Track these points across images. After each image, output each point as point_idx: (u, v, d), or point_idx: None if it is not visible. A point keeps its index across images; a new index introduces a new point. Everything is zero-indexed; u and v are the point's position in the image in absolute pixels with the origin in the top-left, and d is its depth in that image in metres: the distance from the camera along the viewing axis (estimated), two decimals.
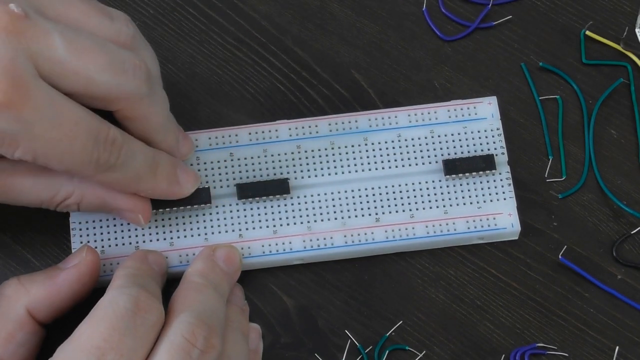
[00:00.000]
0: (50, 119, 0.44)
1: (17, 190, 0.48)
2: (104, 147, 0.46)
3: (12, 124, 0.43)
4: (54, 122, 0.44)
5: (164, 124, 0.49)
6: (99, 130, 0.46)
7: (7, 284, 0.49)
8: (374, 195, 0.53)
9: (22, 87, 0.43)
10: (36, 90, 0.43)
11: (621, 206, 0.53)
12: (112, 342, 0.44)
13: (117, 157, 0.47)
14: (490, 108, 0.54)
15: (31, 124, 0.43)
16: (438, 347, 0.52)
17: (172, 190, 0.51)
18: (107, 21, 0.47)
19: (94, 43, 0.45)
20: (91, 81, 0.45)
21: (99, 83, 0.45)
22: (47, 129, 0.44)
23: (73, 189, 0.49)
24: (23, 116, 0.43)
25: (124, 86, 0.46)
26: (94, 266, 0.50)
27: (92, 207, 0.49)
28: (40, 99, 0.43)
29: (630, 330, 0.52)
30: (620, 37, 0.56)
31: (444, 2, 0.57)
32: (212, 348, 0.45)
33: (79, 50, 0.44)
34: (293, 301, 0.53)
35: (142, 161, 0.48)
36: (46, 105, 0.43)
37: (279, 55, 0.56)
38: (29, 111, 0.43)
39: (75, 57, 0.44)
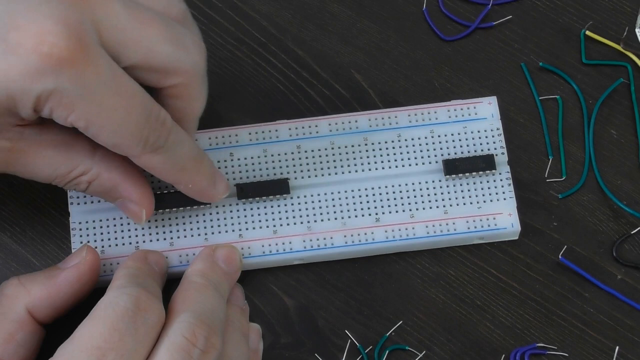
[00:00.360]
0: (109, 86, 0.44)
1: (36, 161, 0.47)
2: (155, 126, 0.46)
3: (73, 83, 0.43)
4: (113, 90, 0.44)
5: (200, 114, 0.49)
6: (152, 108, 0.46)
7: (7, 284, 0.49)
8: (374, 195, 0.53)
9: (86, 49, 0.43)
10: (98, 56, 0.43)
11: (621, 206, 0.53)
12: (112, 342, 0.44)
13: (165, 140, 0.46)
14: (490, 108, 0.54)
15: (91, 87, 0.43)
16: (438, 347, 0.52)
17: (209, 192, 0.50)
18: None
19: (155, 15, 0.45)
20: (151, 51, 0.45)
21: (159, 53, 0.45)
22: (106, 95, 0.44)
23: (92, 166, 0.48)
24: (84, 77, 0.43)
25: (183, 60, 0.46)
26: (94, 266, 0.50)
27: (101, 189, 0.49)
28: (101, 65, 0.43)
29: (630, 330, 0.52)
30: (620, 37, 0.56)
31: (444, 2, 0.57)
32: (213, 348, 0.45)
33: (140, 20, 0.45)
34: (293, 301, 0.53)
35: (188, 151, 0.48)
36: (107, 72, 0.43)
37: (279, 55, 0.56)
38: (90, 73, 0.43)
39: (137, 26, 0.44)
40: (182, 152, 0.48)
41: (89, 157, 0.48)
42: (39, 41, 0.42)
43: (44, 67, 0.42)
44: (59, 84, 0.43)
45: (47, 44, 0.42)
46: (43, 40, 0.42)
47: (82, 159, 0.48)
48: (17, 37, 0.42)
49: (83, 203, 0.53)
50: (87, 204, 0.53)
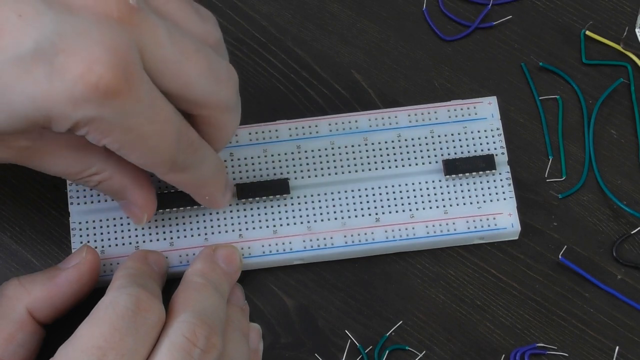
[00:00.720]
0: (147, 113, 0.43)
1: (52, 159, 0.47)
2: (184, 148, 0.46)
3: (113, 112, 0.42)
4: (150, 117, 0.43)
5: (233, 134, 0.49)
6: (182, 129, 0.45)
7: (7, 285, 0.49)
8: (374, 195, 0.53)
9: (130, 78, 0.42)
10: (142, 84, 0.43)
11: (621, 206, 0.53)
12: (113, 342, 0.44)
13: (193, 159, 0.47)
14: (490, 108, 0.54)
15: (130, 116, 0.43)
16: (438, 347, 0.52)
17: (220, 201, 0.51)
18: (199, 20, 0.47)
19: (197, 47, 0.45)
20: (189, 85, 0.44)
21: (196, 88, 0.45)
22: (143, 123, 0.43)
23: (105, 168, 0.48)
24: (125, 106, 0.42)
25: (217, 95, 0.46)
26: (94, 266, 0.50)
27: (109, 190, 0.49)
28: (143, 92, 0.43)
29: (630, 330, 0.52)
30: (620, 37, 0.56)
31: (444, 2, 0.57)
32: (213, 347, 0.45)
33: (182, 51, 0.44)
34: (293, 301, 0.53)
35: (211, 168, 0.48)
36: (147, 99, 0.43)
37: (279, 55, 0.56)
38: (131, 102, 0.42)
39: (179, 58, 0.44)
40: (205, 169, 0.48)
41: (103, 160, 0.48)
42: (87, 69, 0.41)
43: (89, 97, 0.41)
44: (100, 113, 0.42)
45: (95, 74, 0.41)
46: (91, 69, 0.41)
47: (97, 161, 0.48)
48: (65, 61, 0.41)
49: (83, 203, 0.53)
50: (87, 204, 0.53)
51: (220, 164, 0.49)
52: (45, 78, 0.41)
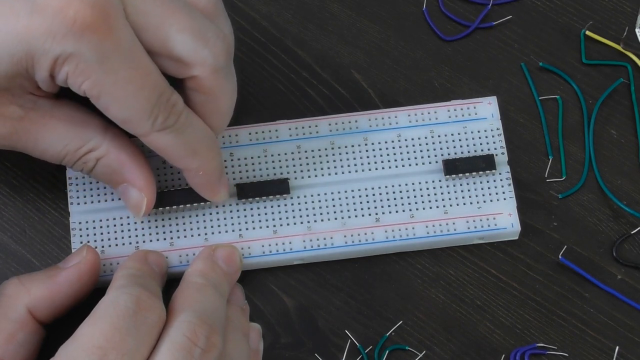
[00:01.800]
0: (127, 58, 0.44)
1: (48, 135, 0.48)
2: (165, 107, 0.46)
3: (92, 49, 0.43)
4: (130, 63, 0.44)
5: (229, 109, 0.49)
6: (164, 89, 0.46)
7: (7, 284, 0.49)
8: (374, 195, 0.53)
9: (109, 18, 0.43)
10: (121, 27, 0.44)
11: (621, 206, 0.53)
12: (113, 341, 0.44)
13: (175, 121, 0.47)
14: (490, 108, 0.54)
15: (109, 57, 0.44)
16: (438, 347, 0.52)
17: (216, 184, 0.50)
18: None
19: (181, 3, 0.46)
20: (170, 40, 0.45)
21: (178, 42, 0.45)
22: (122, 67, 0.44)
23: (102, 143, 0.48)
24: (104, 45, 0.43)
25: (201, 52, 0.46)
26: (94, 265, 0.50)
27: (107, 169, 0.49)
28: (122, 37, 0.44)
29: (630, 330, 0.52)
30: (620, 37, 0.56)
31: (444, 2, 0.57)
32: (214, 347, 0.45)
33: (164, 6, 0.45)
34: (293, 301, 0.53)
35: (201, 134, 0.48)
36: (126, 44, 0.44)
37: (279, 55, 0.56)
38: (110, 43, 0.44)
39: (161, 11, 0.45)
40: (193, 136, 0.48)
41: (100, 135, 0.48)
42: (65, 4, 0.43)
43: (66, 30, 0.43)
44: (78, 48, 0.43)
45: (72, 8, 0.43)
46: (69, 3, 0.43)
47: (94, 135, 0.48)
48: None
49: (83, 203, 0.53)
50: (87, 204, 0.53)
51: (212, 138, 0.49)
52: (27, 14, 0.43)
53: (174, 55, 0.46)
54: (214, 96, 0.48)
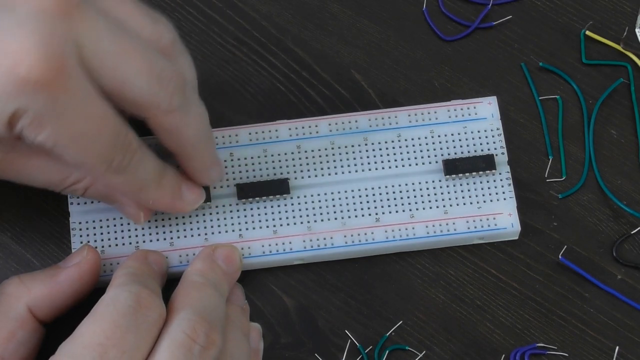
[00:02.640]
0: (82, 109, 0.43)
1: (30, 170, 0.48)
2: (120, 149, 0.46)
3: (46, 105, 0.42)
4: (85, 113, 0.44)
5: (199, 140, 0.49)
6: (120, 131, 0.45)
7: (8, 283, 0.49)
8: (374, 195, 0.53)
9: (63, 71, 0.42)
10: (75, 78, 0.43)
11: (621, 206, 0.53)
12: (114, 339, 0.44)
13: (129, 162, 0.46)
14: (490, 108, 0.54)
15: (63, 110, 0.43)
16: (438, 347, 0.52)
17: (174, 205, 0.50)
18: (150, 23, 0.47)
19: (137, 45, 0.45)
20: (126, 83, 0.44)
21: (134, 86, 0.45)
22: (77, 118, 0.43)
23: (85, 175, 0.48)
24: (58, 99, 0.42)
25: (156, 95, 0.45)
26: (95, 265, 0.50)
27: (98, 195, 0.49)
28: (77, 87, 0.43)
29: (630, 330, 0.52)
30: (620, 37, 0.56)
31: (444, 2, 0.57)
32: (213, 344, 0.46)
33: (122, 49, 0.44)
34: (293, 301, 0.53)
35: (150, 171, 0.48)
36: (81, 95, 0.43)
37: (279, 55, 0.56)
38: (64, 96, 0.43)
39: (117, 55, 0.44)
40: (142, 173, 0.47)
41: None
42: (16, 62, 0.41)
43: (19, 89, 0.42)
44: (32, 104, 0.42)
45: (24, 66, 0.41)
46: (21, 61, 0.41)
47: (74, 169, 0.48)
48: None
49: (83, 203, 0.53)
50: (87, 204, 0.53)
51: (161, 170, 0.49)
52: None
53: (129, 99, 0.45)
54: (176, 133, 0.47)
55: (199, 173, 0.50)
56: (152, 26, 0.47)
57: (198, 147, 0.49)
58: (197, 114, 0.48)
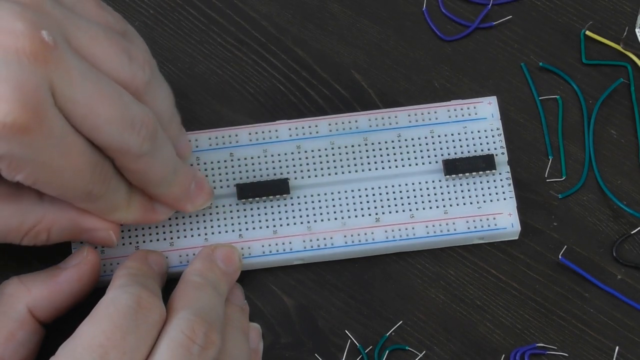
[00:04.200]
0: (59, 148, 0.44)
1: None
2: (98, 179, 0.46)
3: (23, 149, 0.43)
4: (62, 152, 0.44)
5: (165, 178, 0.49)
6: (97, 162, 0.46)
7: (8, 283, 0.49)
8: (374, 195, 0.53)
9: (39, 115, 0.42)
10: (51, 120, 0.43)
11: (621, 206, 0.53)
12: (114, 340, 0.44)
13: (106, 190, 0.47)
14: (490, 108, 0.54)
15: (41, 152, 0.43)
16: (438, 347, 0.52)
17: (146, 218, 0.50)
18: (126, 61, 0.46)
19: (110, 91, 0.45)
20: (97, 129, 0.45)
21: (104, 133, 0.45)
22: (54, 157, 0.44)
23: (43, 213, 0.48)
24: (35, 143, 0.43)
25: (126, 142, 0.45)
26: (95, 266, 0.50)
27: (63, 233, 0.49)
28: (53, 128, 0.43)
29: (630, 330, 0.52)
30: (620, 37, 0.56)
31: (444, 2, 0.57)
32: (212, 344, 0.46)
33: (94, 95, 0.44)
34: (293, 301, 0.53)
35: (121, 195, 0.48)
36: (57, 135, 0.43)
37: (279, 55, 0.56)
38: (41, 139, 0.43)
39: (89, 102, 0.44)
40: (114, 198, 0.48)
41: (37, 204, 0.48)
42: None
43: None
44: (10, 149, 0.43)
45: (1, 112, 0.42)
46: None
47: (32, 207, 0.48)
48: None
49: None
50: None
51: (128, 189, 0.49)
52: None
53: (100, 143, 0.45)
54: (141, 174, 0.48)
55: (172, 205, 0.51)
56: (127, 64, 0.46)
57: (161, 185, 0.49)
58: (164, 154, 0.48)
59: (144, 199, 0.50)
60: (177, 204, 0.51)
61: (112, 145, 0.45)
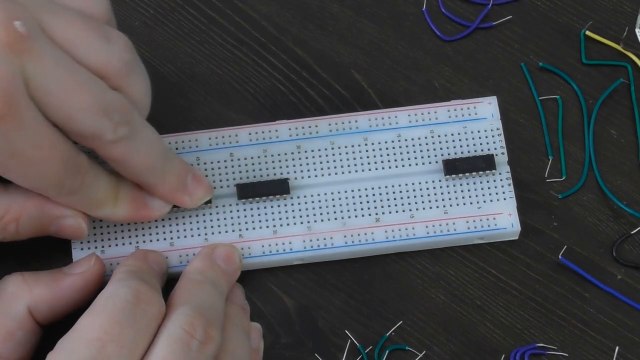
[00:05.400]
0: (32, 139, 0.44)
1: None
2: (71, 173, 0.46)
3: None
4: (35, 143, 0.44)
5: (154, 165, 0.48)
6: (70, 156, 0.46)
7: (10, 280, 0.49)
8: (374, 195, 0.53)
9: (13, 105, 0.43)
10: (25, 110, 0.43)
11: (621, 206, 0.53)
12: (112, 333, 0.44)
13: (81, 184, 0.47)
14: (490, 108, 0.54)
15: (14, 142, 0.43)
16: (438, 347, 0.52)
17: (140, 215, 0.50)
18: (104, 45, 0.46)
19: (84, 80, 0.45)
20: (70, 118, 0.45)
21: (77, 121, 0.45)
22: (27, 148, 0.44)
23: (9, 203, 0.48)
24: (8, 132, 0.43)
25: (100, 127, 0.45)
26: (100, 276, 0.50)
27: (32, 222, 0.48)
28: (27, 119, 0.43)
29: (630, 330, 0.52)
30: (620, 37, 0.56)
31: (444, 2, 0.57)
32: (211, 340, 0.46)
33: (67, 85, 0.44)
34: (293, 301, 0.53)
35: (103, 189, 0.48)
36: (30, 125, 0.43)
37: (279, 55, 0.56)
38: (15, 129, 0.43)
39: (63, 91, 0.44)
40: (96, 192, 0.48)
41: (3, 194, 0.48)
42: None
43: None
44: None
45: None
46: None
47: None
48: None
49: None
50: None
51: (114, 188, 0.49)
52: None
53: (74, 131, 0.45)
54: (124, 162, 0.47)
55: (169, 198, 0.50)
56: (105, 47, 0.46)
57: (151, 173, 0.49)
58: (145, 140, 0.48)
59: (135, 195, 0.50)
60: (174, 196, 0.50)
61: (86, 132, 0.45)
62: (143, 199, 0.50)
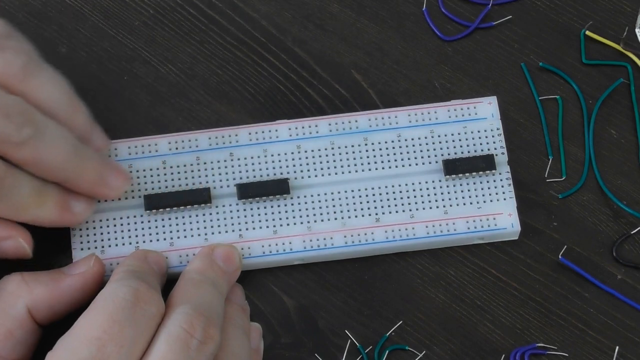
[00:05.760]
0: None
1: None
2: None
3: None
4: None
5: (67, 162, 0.48)
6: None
7: (9, 279, 0.49)
8: (374, 195, 0.53)
9: None
10: None
11: (621, 206, 0.53)
12: (112, 333, 0.44)
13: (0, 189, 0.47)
14: (490, 108, 0.54)
15: None
16: (438, 347, 0.52)
17: (63, 218, 0.50)
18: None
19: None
20: None
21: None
22: None
23: None
24: None
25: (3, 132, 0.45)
26: (99, 277, 0.50)
27: None
28: None
29: (630, 330, 0.52)
30: (620, 37, 0.56)
31: (444, 2, 0.57)
32: (211, 339, 0.46)
33: None
34: (293, 301, 0.53)
35: (27, 192, 0.48)
36: None
37: (279, 55, 0.56)
38: None
39: None
40: (19, 196, 0.48)
41: None
42: None
43: None
44: None
45: None
46: None
47: None
48: None
49: None
50: None
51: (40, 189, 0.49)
52: None
53: None
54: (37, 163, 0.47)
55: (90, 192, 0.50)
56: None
57: (66, 169, 0.49)
58: (54, 137, 0.48)
59: (60, 197, 0.49)
60: (94, 189, 0.50)
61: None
62: (67, 203, 0.50)
